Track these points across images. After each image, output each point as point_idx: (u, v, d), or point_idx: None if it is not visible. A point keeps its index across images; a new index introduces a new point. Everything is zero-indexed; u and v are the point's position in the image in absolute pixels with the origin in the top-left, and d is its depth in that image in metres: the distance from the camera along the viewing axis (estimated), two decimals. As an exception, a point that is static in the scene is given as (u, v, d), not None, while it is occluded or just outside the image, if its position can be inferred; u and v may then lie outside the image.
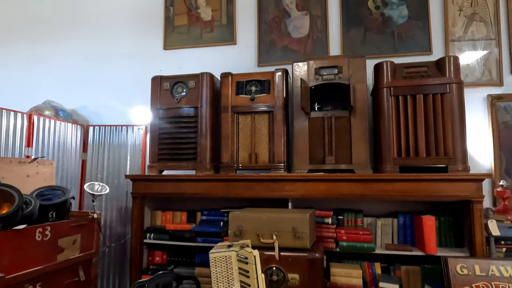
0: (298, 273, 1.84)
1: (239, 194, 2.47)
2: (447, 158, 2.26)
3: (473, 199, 2.13)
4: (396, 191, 2.25)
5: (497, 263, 2.01)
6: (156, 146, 2.76)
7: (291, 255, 1.86)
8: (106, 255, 3.07)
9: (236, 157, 2.64)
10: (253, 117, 2.66)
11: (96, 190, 2.64)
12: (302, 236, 1.85)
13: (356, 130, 2.41)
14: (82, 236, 2.47)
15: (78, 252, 2.44)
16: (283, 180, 2.40)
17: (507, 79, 2.65)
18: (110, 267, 3.06)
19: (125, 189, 3.14)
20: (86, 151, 3.20)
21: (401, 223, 2.44)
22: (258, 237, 1.92)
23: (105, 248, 2.95)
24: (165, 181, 2.62)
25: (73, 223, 2.40)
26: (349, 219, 2.53)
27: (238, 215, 1.98)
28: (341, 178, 2.31)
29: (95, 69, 3.46)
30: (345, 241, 2.34)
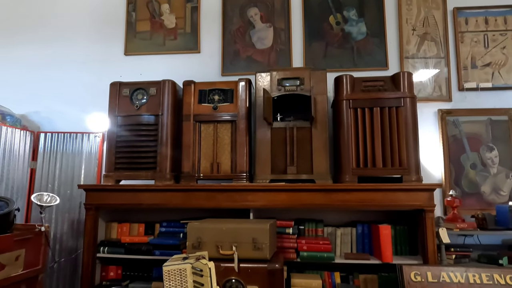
0: (257, 284, 1.81)
1: (200, 205, 2.41)
2: (401, 169, 2.35)
3: (426, 208, 2.23)
4: (355, 200, 2.30)
5: (448, 269, 2.10)
6: (113, 155, 2.64)
7: (251, 267, 1.83)
8: (55, 272, 2.85)
9: (197, 166, 2.58)
10: (215, 126, 2.63)
11: (45, 201, 2.46)
12: (262, 247, 1.83)
13: (317, 141, 2.45)
14: (27, 251, 2.28)
15: (22, 269, 2.24)
16: (245, 190, 2.38)
17: (455, 95, 2.84)
18: (60, 285, 2.84)
19: (78, 200, 2.96)
20: (35, 159, 2.99)
21: (359, 232, 2.50)
22: (217, 248, 1.87)
23: (53, 264, 2.74)
24: (122, 191, 2.50)
25: (17, 237, 2.20)
26: (310, 229, 2.55)
27: (197, 226, 1.92)
28: (302, 188, 2.32)
29: (50, 73, 3.28)
30: (305, 251, 2.35)
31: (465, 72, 2.84)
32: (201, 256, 1.21)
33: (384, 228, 2.31)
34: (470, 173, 2.72)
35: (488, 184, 2.70)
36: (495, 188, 2.69)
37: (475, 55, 2.86)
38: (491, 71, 2.82)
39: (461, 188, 2.71)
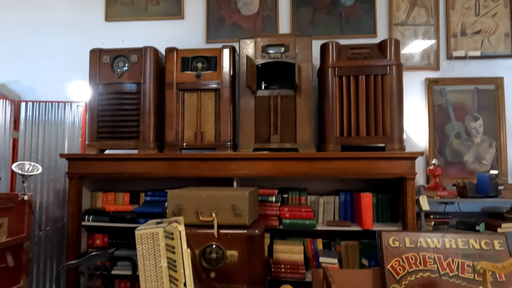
0: (237, 250, 1.83)
1: (183, 174, 2.41)
2: (384, 138, 2.35)
3: (407, 176, 2.24)
4: (338, 169, 2.31)
5: (425, 235, 2.14)
6: (95, 124, 2.60)
7: (230, 233, 1.85)
8: (42, 240, 2.88)
9: (181, 136, 2.56)
10: (199, 95, 2.58)
11: (27, 170, 2.44)
12: (241, 213, 1.84)
13: (301, 109, 2.42)
14: (10, 219, 2.29)
15: (6, 237, 2.26)
16: (228, 159, 2.37)
17: (443, 64, 2.79)
18: (47, 252, 2.88)
19: (63, 170, 2.94)
20: (17, 129, 2.94)
21: (342, 200, 2.53)
22: (197, 215, 1.88)
23: (39, 232, 2.76)
24: (105, 160, 2.48)
25: (-1, 205, 2.21)
26: (293, 198, 2.57)
27: (177, 193, 1.92)
28: (285, 156, 2.32)
29: (30, 39, 3.16)
30: (288, 218, 2.38)
31: (454, 40, 2.78)
32: (174, 220, 1.21)
33: (366, 196, 2.34)
34: (454, 142, 2.73)
35: (471, 153, 2.71)
36: (478, 157, 2.71)
37: (465, 22, 2.79)
38: (481, 39, 2.76)
39: (445, 157, 2.72)
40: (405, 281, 2.06)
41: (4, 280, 2.24)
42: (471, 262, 2.04)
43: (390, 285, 2.06)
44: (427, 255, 2.10)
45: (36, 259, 2.81)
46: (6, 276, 2.26)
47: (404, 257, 2.11)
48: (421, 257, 2.09)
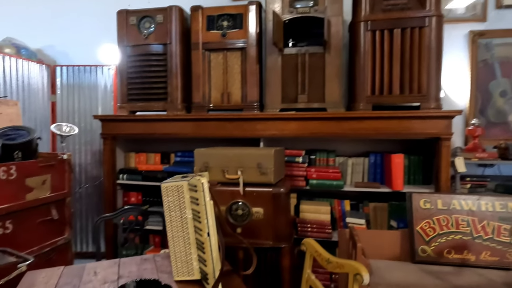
0: (262, 207, 1.86)
1: (210, 134, 2.43)
2: (420, 96, 2.21)
3: (442, 136, 2.12)
4: (368, 129, 2.22)
5: (459, 197, 2.05)
6: (125, 86, 2.65)
7: (256, 190, 1.87)
8: (82, 197, 3.09)
9: (208, 97, 2.55)
10: (225, 55, 2.53)
11: (64, 131, 2.57)
12: (266, 171, 1.85)
13: (330, 67, 2.31)
14: (52, 176, 2.45)
15: (49, 192, 2.43)
16: (254, 119, 2.35)
17: (491, 14, 2.53)
18: (88, 208, 3.09)
19: (99, 132, 3.06)
20: (55, 93, 3.08)
21: (372, 162, 2.46)
22: (223, 173, 1.91)
23: (79, 189, 2.96)
24: (135, 122, 2.55)
25: (41, 163, 2.36)
26: (321, 159, 2.53)
27: (204, 151, 1.95)
28: (312, 116, 2.26)
29: (60, 4, 3.21)
30: (314, 179, 2.36)
31: (506, -15, 2.49)
32: (198, 175, 1.24)
33: (397, 157, 2.25)
34: (499, 101, 2.52)
35: (517, 113, 2.50)
36: (525, 117, 2.50)
37: (520, -36, 2.47)
38: (538, -16, 2.45)
39: (486, 117, 2.54)
40: (435, 243, 2.01)
41: (51, 231, 2.45)
42: (508, 226, 1.94)
43: (418, 246, 2.03)
44: (460, 218, 2.02)
45: (78, 214, 3.03)
46: (52, 228, 2.46)
47: (435, 219, 2.04)
48: (453, 220, 2.02)
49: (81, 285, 1.27)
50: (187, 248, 1.27)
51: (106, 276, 1.34)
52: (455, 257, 1.98)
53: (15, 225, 2.17)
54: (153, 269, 1.41)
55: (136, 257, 1.54)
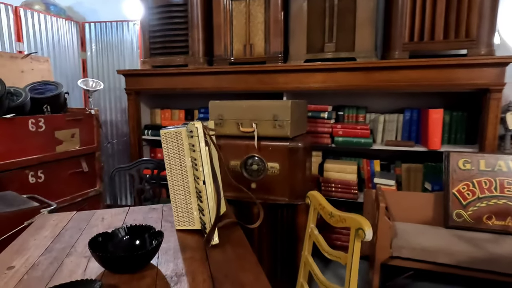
0: (278, 162, 1.76)
1: (231, 88, 2.33)
2: (468, 41, 1.90)
3: (491, 87, 1.83)
4: (403, 80, 1.98)
5: (507, 158, 1.79)
6: (147, 40, 2.59)
7: (271, 144, 1.76)
8: (115, 153, 3.19)
9: (229, 49, 2.42)
10: (247, 3, 2.35)
11: (91, 86, 2.61)
12: (282, 124, 1.72)
13: (362, 11, 2.05)
14: (80, 130, 2.53)
15: (78, 146, 2.52)
16: (277, 71, 2.20)
17: None
18: (116, 163, 3.18)
19: (127, 89, 3.10)
20: (84, 50, 3.12)
21: (407, 118, 2.22)
22: (238, 126, 1.81)
23: (107, 144, 3.05)
24: (157, 76, 2.51)
25: (69, 117, 2.43)
26: (350, 115, 2.34)
27: (218, 103, 1.86)
28: (340, 67, 2.05)
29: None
30: (340, 136, 2.20)
31: None
32: (200, 122, 1.16)
33: (435, 112, 2.00)
34: None
35: None
36: None
37: None
38: None
39: (552, 67, 2.14)
40: (473, 207, 1.80)
41: (82, 183, 2.57)
42: None
43: (454, 210, 1.83)
44: (506, 181, 1.77)
45: (107, 168, 3.14)
46: (83, 180, 2.58)
47: (475, 181, 1.82)
48: (497, 183, 1.78)
49: (86, 228, 1.28)
50: (187, 197, 1.22)
51: (112, 222, 1.34)
52: (496, 224, 1.76)
53: (46, 175, 2.29)
54: (158, 217, 1.40)
55: (145, 207, 1.53)
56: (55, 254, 1.07)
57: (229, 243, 1.15)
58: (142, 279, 0.93)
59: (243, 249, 1.12)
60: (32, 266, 1.00)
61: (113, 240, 1.03)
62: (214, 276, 0.95)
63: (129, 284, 0.91)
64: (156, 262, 1.03)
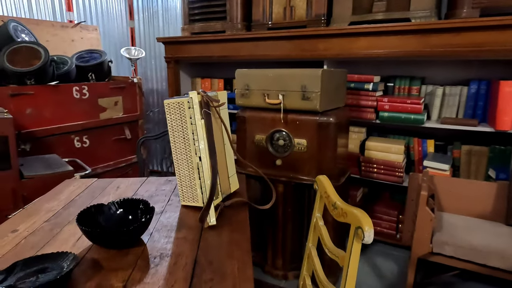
0: (305, 138, 1.59)
1: (267, 55, 2.16)
2: None
3: None
4: (470, 45, 1.62)
5: None
6: (186, 6, 2.51)
7: (299, 118, 1.59)
8: (160, 121, 3.26)
9: (268, 12, 2.23)
10: (289, -41, 2.11)
11: (133, 54, 2.64)
12: (311, 96, 1.53)
13: (422, -41, 1.70)
14: (124, 98, 2.60)
15: (122, 113, 2.60)
16: (316, 36, 1.97)
17: None
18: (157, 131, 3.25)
19: (172, 58, 3.09)
20: (132, 19, 3.15)
21: (472, 92, 1.86)
22: (264, 97, 1.67)
23: (149, 112, 3.11)
24: (194, 43, 2.43)
25: (112, 84, 2.50)
26: (402, 87, 2.04)
27: (245, 72, 1.72)
28: (390, 29, 1.75)
29: None
30: (386, 111, 1.93)
31: None
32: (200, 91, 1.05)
33: (508, 85, 1.63)
34: None
35: None
36: None
37: None
38: None
39: None
40: (546, 203, 1.46)
41: (125, 149, 2.67)
42: None
43: (520, 205, 1.51)
44: None
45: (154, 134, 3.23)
46: (126, 147, 2.68)
47: (554, 172, 1.46)
48: None
49: (98, 196, 1.29)
50: (191, 173, 1.15)
51: (124, 192, 1.33)
52: None
53: (91, 141, 2.41)
54: (169, 190, 1.36)
55: (163, 178, 1.51)
56: (59, 220, 1.09)
57: (229, 226, 1.06)
58: (125, 256, 0.89)
59: (240, 234, 1.02)
60: (34, 231, 1.02)
61: (105, 213, 1.00)
62: (198, 261, 0.87)
63: (111, 260, 0.87)
64: (147, 239, 0.98)
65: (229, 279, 0.80)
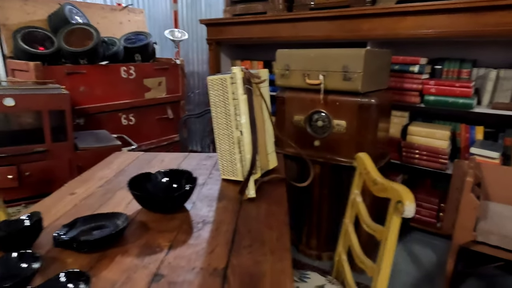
0: (345, 119, 1.58)
1: (308, 37, 2.14)
2: None
3: None
4: (529, 24, 1.51)
5: None
6: (229, -13, 2.53)
7: (339, 99, 1.58)
8: (201, 103, 3.35)
9: (311, -8, 2.19)
10: None
11: (176, 36, 2.71)
12: (353, 77, 1.50)
13: None
14: (167, 79, 2.70)
15: (165, 94, 2.71)
16: (361, 16, 1.91)
17: None
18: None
19: (212, 40, 3.14)
20: (176, 1, 3.23)
21: (530, 75, 1.73)
22: (304, 77, 1.66)
23: (191, 94, 3.20)
24: (235, 25, 2.45)
25: (156, 65, 2.60)
26: (451, 70, 1.93)
27: (285, 52, 1.72)
28: (439, 7, 1.66)
29: None
30: (432, 94, 1.85)
31: None
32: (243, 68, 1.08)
33: None
34: None
35: None
36: None
37: None
38: None
39: None
40: None
41: (167, 129, 2.79)
42: None
43: None
44: None
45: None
46: (168, 126, 2.80)
47: None
48: None
49: (144, 167, 1.38)
50: (231, 147, 1.19)
51: (168, 165, 1.41)
52: None
53: (137, 119, 2.54)
54: (210, 165, 1.42)
55: (204, 154, 1.57)
56: (111, 186, 1.18)
57: (267, 199, 1.10)
58: (171, 220, 0.96)
59: (278, 208, 1.05)
60: (89, 195, 1.12)
61: (152, 181, 1.08)
62: (238, 229, 0.92)
63: (157, 223, 0.94)
64: (190, 207, 1.04)
65: (267, 246, 0.83)
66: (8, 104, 1.54)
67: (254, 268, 0.74)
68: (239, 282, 0.70)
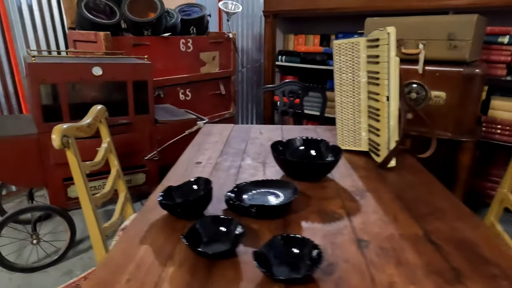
0: (445, 91, 1.52)
1: (383, 7, 2.05)
2: None
3: None
4: None
5: None
6: (288, -44, 2.41)
7: (439, 70, 1.51)
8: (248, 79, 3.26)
9: (384, -40, 2.08)
10: None
11: (230, 9, 2.62)
12: (460, 45, 1.44)
13: None
14: (220, 53, 2.61)
15: (218, 69, 2.63)
16: (446, -16, 1.82)
17: None
18: (248, 88, 3.27)
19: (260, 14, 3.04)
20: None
21: None
22: (399, 47, 1.59)
23: (242, 69, 3.12)
24: (297, -4, 2.36)
25: (211, 39, 2.51)
26: (538, 42, 1.85)
27: (376, 20, 1.64)
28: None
29: None
30: (523, 66, 1.78)
31: None
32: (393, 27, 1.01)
33: None
34: None
35: None
36: None
37: None
38: None
39: None
40: None
41: (219, 105, 2.73)
42: None
43: None
44: None
45: (240, 92, 3.25)
46: (220, 102, 2.73)
47: None
48: None
49: (249, 139, 1.33)
50: (356, 116, 1.14)
51: (271, 136, 1.36)
52: None
53: (192, 94, 2.48)
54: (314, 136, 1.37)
55: (298, 126, 1.52)
56: (230, 157, 1.14)
57: (404, 169, 1.06)
58: (324, 189, 0.92)
59: (423, 176, 1.02)
60: (216, 164, 1.07)
61: (290, 148, 1.03)
62: (403, 198, 0.87)
63: (313, 191, 0.90)
64: (331, 176, 1.00)
65: (450, 213, 0.79)
66: (96, 73, 1.48)
67: (457, 234, 0.71)
68: (453, 247, 0.66)
